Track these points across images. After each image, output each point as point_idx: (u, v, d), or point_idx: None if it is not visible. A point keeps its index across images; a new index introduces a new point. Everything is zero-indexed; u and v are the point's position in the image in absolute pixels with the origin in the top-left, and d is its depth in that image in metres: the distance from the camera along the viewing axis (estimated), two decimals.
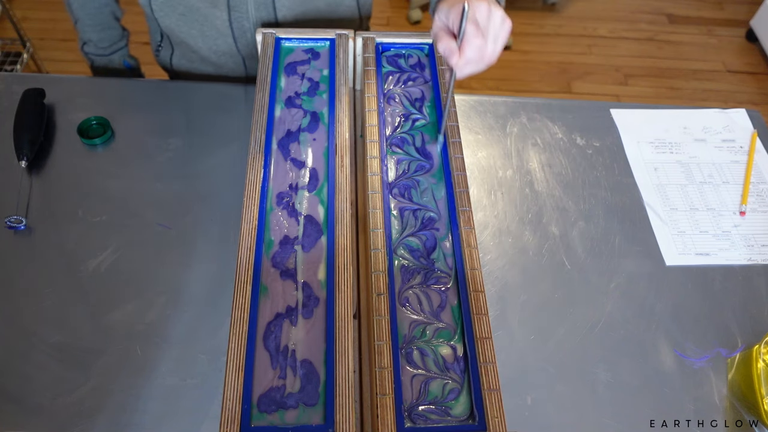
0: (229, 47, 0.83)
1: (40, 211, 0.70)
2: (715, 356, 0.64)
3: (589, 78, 2.07)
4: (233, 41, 0.82)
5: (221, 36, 0.82)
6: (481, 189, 0.76)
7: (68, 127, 0.78)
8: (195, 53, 0.87)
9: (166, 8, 0.80)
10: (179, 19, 0.81)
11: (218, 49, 0.84)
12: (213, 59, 0.86)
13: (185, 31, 0.82)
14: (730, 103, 2.01)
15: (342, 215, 0.55)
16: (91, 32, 0.86)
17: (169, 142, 0.77)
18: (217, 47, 0.84)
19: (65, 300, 0.63)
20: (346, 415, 0.45)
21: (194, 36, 0.83)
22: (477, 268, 0.53)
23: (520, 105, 0.85)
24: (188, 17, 0.80)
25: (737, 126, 0.85)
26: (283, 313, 0.50)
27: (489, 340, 0.49)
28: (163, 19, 0.82)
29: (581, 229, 0.73)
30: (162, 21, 0.82)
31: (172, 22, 0.82)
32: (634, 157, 0.80)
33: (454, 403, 0.47)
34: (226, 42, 0.83)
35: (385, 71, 0.69)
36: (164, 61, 0.92)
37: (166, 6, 0.80)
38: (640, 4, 2.35)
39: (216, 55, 0.85)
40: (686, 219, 0.75)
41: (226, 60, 0.86)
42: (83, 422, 0.56)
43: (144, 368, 0.59)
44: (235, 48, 0.83)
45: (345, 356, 0.47)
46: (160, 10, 0.80)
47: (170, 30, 0.83)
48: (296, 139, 0.62)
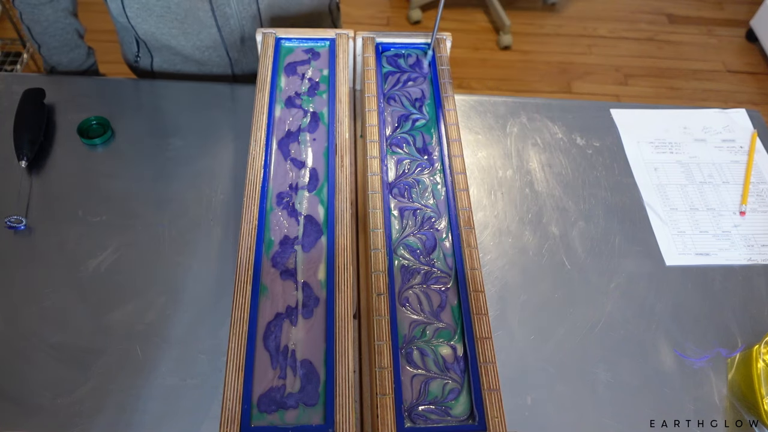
0: (213, 39, 0.83)
1: (40, 211, 0.70)
2: (715, 356, 0.64)
3: (589, 78, 2.07)
4: (217, 30, 0.82)
5: (204, 28, 0.82)
6: (481, 189, 0.76)
7: (68, 127, 0.78)
8: (177, 55, 0.86)
9: (143, 13, 0.79)
10: (158, 22, 0.80)
11: (202, 44, 0.84)
12: (196, 56, 0.86)
13: (166, 32, 0.82)
14: (730, 103, 2.01)
15: (342, 215, 0.55)
16: (58, 55, 0.84)
17: (169, 142, 0.77)
18: (201, 42, 0.84)
19: (65, 300, 0.63)
20: (346, 415, 0.45)
21: (175, 36, 0.82)
22: (477, 268, 0.53)
23: (520, 105, 0.85)
24: (167, 17, 0.80)
25: (737, 126, 0.85)
26: (283, 313, 0.50)
27: (489, 340, 0.49)
28: (141, 24, 0.81)
29: (581, 229, 0.73)
30: (139, 27, 0.81)
31: (150, 26, 0.81)
32: (634, 157, 0.80)
33: (454, 403, 0.47)
34: (210, 33, 0.82)
35: (385, 71, 0.69)
36: (144, 70, 0.91)
37: (143, 11, 0.79)
38: (640, 4, 2.35)
39: (199, 51, 0.85)
40: (686, 219, 0.75)
41: (210, 54, 0.86)
42: (83, 422, 0.56)
43: (144, 368, 0.59)
44: (219, 38, 0.83)
45: (345, 356, 0.47)
46: (137, 16, 0.80)
47: (149, 35, 0.83)
48: (296, 139, 0.62)
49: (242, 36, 0.85)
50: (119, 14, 0.80)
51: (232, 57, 0.87)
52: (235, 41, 0.85)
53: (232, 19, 0.81)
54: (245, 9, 0.81)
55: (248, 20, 0.83)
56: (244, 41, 0.86)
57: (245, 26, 0.83)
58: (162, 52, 0.87)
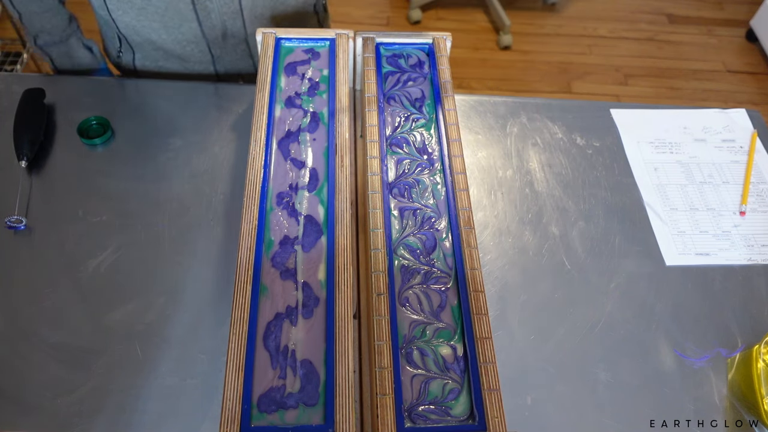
0: (194, 33, 0.83)
1: (40, 211, 0.70)
2: (715, 356, 0.64)
3: (589, 78, 2.07)
4: (198, 25, 0.82)
5: (185, 22, 0.81)
6: (481, 189, 0.76)
7: (68, 127, 0.78)
8: (158, 50, 0.86)
9: (124, 5, 0.79)
10: (139, 14, 0.80)
11: (183, 37, 0.84)
12: (178, 51, 0.86)
13: (146, 25, 0.82)
14: (730, 103, 2.01)
15: (342, 215, 0.55)
16: (40, 21, 0.82)
17: (169, 142, 0.77)
18: (182, 35, 0.83)
19: (65, 300, 0.63)
20: (346, 415, 0.45)
21: (156, 29, 0.82)
22: (477, 268, 0.53)
23: (520, 105, 0.85)
24: (147, 10, 0.80)
25: (737, 126, 0.85)
26: (283, 313, 0.50)
27: (489, 340, 0.49)
28: (122, 17, 0.81)
29: (581, 229, 0.73)
30: (120, 20, 0.81)
31: (131, 18, 0.81)
32: (634, 157, 0.80)
33: (454, 403, 0.47)
34: (191, 27, 0.82)
35: (385, 71, 0.69)
36: (127, 66, 0.91)
37: (124, 3, 0.79)
38: (640, 4, 2.35)
39: (181, 45, 0.85)
40: (686, 219, 0.75)
41: (192, 49, 0.86)
42: (83, 422, 0.56)
43: (144, 368, 0.59)
44: (200, 32, 0.83)
45: (345, 356, 0.47)
46: (117, 9, 0.79)
47: (129, 28, 0.83)
48: (296, 139, 0.62)
49: (224, 32, 0.85)
50: (100, 6, 0.80)
51: (215, 53, 0.87)
52: (217, 37, 0.85)
53: (213, 14, 0.81)
54: (227, 5, 0.81)
55: (229, 16, 0.82)
56: (226, 38, 0.86)
57: (226, 22, 0.83)
58: (143, 48, 0.87)
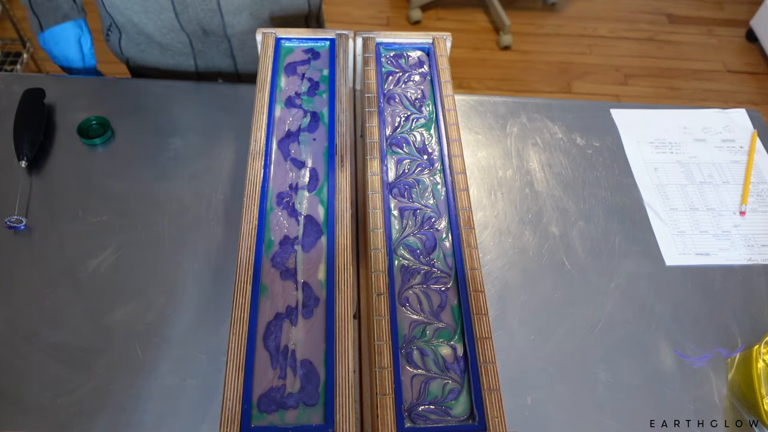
0: (172, 23, 0.83)
1: (40, 211, 0.70)
2: (715, 356, 0.64)
3: (589, 78, 2.07)
4: (175, 16, 0.82)
5: (163, 11, 0.82)
6: (481, 189, 0.76)
7: (68, 127, 0.78)
8: (141, 34, 0.87)
9: None
10: None
11: (163, 25, 0.84)
12: (158, 38, 0.86)
13: (129, 7, 0.82)
14: (730, 103, 2.01)
15: (342, 215, 0.55)
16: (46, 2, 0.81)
17: (169, 142, 0.77)
18: (162, 23, 0.84)
19: (65, 300, 0.63)
20: (346, 415, 0.45)
21: (137, 12, 0.83)
22: (477, 268, 0.53)
23: (520, 105, 0.85)
24: None
25: (737, 126, 0.85)
26: (283, 313, 0.50)
27: (489, 340, 0.49)
28: None
29: (581, 229, 0.73)
30: None
31: None
32: (634, 157, 0.80)
33: (454, 403, 0.47)
34: (168, 17, 0.83)
35: (385, 71, 0.69)
36: (114, 47, 0.92)
37: None
38: (640, 4, 2.35)
39: (161, 33, 0.85)
40: (686, 219, 0.75)
41: (172, 38, 0.86)
42: (83, 422, 0.56)
43: (144, 368, 0.59)
44: (177, 24, 0.83)
45: (345, 356, 0.47)
46: None
47: (114, 8, 0.83)
48: (296, 139, 0.62)
49: (203, 28, 0.85)
50: None
51: (196, 47, 0.88)
52: (196, 31, 0.85)
53: (191, 9, 0.82)
54: (204, 1, 0.81)
55: (207, 13, 0.82)
56: (207, 34, 0.86)
57: (203, 19, 0.83)
58: (127, 29, 0.87)
